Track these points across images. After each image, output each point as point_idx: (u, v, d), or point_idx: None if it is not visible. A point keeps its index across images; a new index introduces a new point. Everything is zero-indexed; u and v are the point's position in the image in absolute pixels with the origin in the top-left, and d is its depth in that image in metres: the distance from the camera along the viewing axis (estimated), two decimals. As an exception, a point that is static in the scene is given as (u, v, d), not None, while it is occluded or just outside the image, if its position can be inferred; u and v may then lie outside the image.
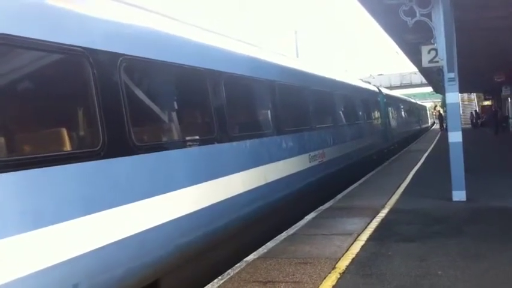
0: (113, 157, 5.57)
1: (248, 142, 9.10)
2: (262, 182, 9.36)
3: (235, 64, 9.22)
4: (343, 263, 6.90)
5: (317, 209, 11.15)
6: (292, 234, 8.89)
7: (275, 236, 8.82)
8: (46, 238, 4.62)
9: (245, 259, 7.51)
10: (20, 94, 4.97)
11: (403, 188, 13.45)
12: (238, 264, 7.27)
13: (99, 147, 5.41)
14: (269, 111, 10.62)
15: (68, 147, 5.15)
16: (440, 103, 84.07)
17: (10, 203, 4.36)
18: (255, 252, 7.84)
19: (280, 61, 12.02)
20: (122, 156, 5.74)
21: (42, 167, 4.69)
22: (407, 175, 16.01)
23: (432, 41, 11.21)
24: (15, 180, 4.43)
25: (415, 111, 50.73)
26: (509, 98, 41.57)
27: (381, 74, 68.90)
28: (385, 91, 29.87)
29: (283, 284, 6.31)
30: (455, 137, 10.90)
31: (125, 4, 6.66)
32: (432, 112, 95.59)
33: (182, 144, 7.18)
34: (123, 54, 5.99)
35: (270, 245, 8.26)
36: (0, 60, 4.64)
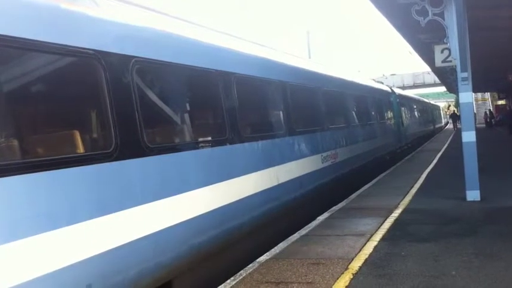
0: (125, 159, 5.60)
1: (260, 143, 9.10)
2: (275, 183, 9.35)
3: (247, 65, 9.23)
4: (356, 264, 6.88)
5: (330, 210, 11.13)
6: (305, 235, 8.88)
7: (288, 237, 8.81)
8: (60, 239, 4.65)
9: (257, 260, 7.52)
10: (32, 97, 5.01)
11: (417, 188, 13.39)
12: (250, 265, 7.27)
13: (111, 149, 5.44)
14: (281, 112, 10.61)
15: (80, 149, 5.18)
16: (453, 103, 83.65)
17: (24, 205, 4.40)
18: (267, 253, 7.84)
19: (292, 62, 12.01)
20: (134, 157, 5.76)
21: (55, 169, 4.72)
22: (420, 175, 15.93)
23: (445, 40, 11.16)
24: (29, 183, 4.47)
25: (429, 111, 50.48)
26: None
27: (394, 74, 68.50)
28: (398, 91, 29.76)
29: (296, 284, 6.30)
30: (468, 136, 10.84)
31: (136, 6, 6.70)
32: (446, 112, 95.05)
33: (194, 145, 7.19)
34: (135, 57, 6.01)
35: (282, 245, 8.25)
36: (13, 64, 4.69)
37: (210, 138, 7.79)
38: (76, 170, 4.95)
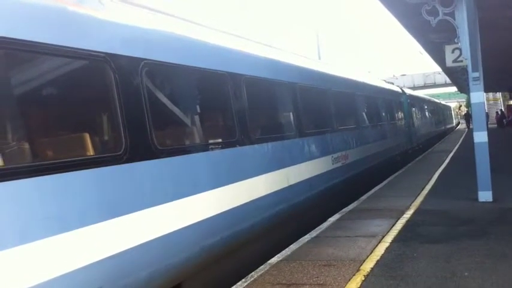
0: (135, 161, 5.61)
1: (270, 145, 9.09)
2: (285, 185, 9.34)
3: (257, 67, 9.23)
4: (368, 265, 6.85)
5: (341, 211, 11.09)
6: (316, 237, 8.85)
7: (299, 238, 8.79)
8: (70, 242, 4.67)
9: (269, 261, 7.50)
10: (42, 100, 5.04)
11: (428, 188, 13.31)
12: (262, 267, 7.25)
13: (121, 151, 5.45)
14: (291, 114, 10.60)
15: (90, 151, 5.20)
16: (465, 103, 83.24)
17: (34, 207, 4.42)
18: (278, 255, 7.82)
19: (301, 63, 11.99)
20: (144, 160, 5.77)
21: (65, 171, 4.73)
22: (432, 176, 15.84)
23: (456, 40, 11.08)
24: (39, 185, 4.48)
25: (439, 111, 50.24)
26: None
27: (404, 75, 68.26)
28: (408, 92, 29.60)
29: (307, 286, 6.28)
30: (480, 137, 10.76)
31: (144, 8, 6.70)
32: (457, 112, 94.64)
33: (204, 147, 7.19)
34: (145, 59, 6.03)
35: (293, 247, 8.23)
36: (23, 67, 4.71)
37: (220, 140, 7.78)
38: (86, 173, 4.96)
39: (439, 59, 22.25)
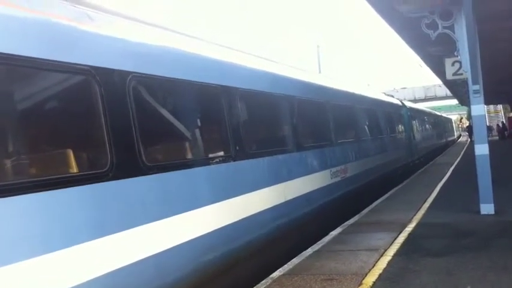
0: (122, 178, 5.44)
1: (266, 159, 8.95)
2: (282, 200, 9.23)
3: (252, 80, 9.11)
4: (370, 279, 6.80)
5: (342, 225, 11.04)
6: (318, 251, 8.80)
7: (300, 253, 8.73)
8: (55, 264, 4.49)
9: (271, 276, 7.45)
10: (26, 115, 4.85)
11: (430, 201, 13.27)
12: (263, 281, 7.20)
13: (107, 168, 5.28)
14: (288, 127, 10.52)
15: (74, 169, 5.00)
16: (466, 115, 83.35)
17: (14, 228, 4.24)
18: (280, 269, 7.77)
19: (299, 76, 11.95)
20: (132, 177, 5.60)
21: (47, 190, 4.55)
22: (433, 189, 15.80)
23: (456, 53, 11.12)
24: (19, 204, 4.31)
25: (440, 124, 50.26)
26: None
27: (405, 87, 68.44)
28: (408, 104, 29.63)
29: (309, 301, 6.24)
30: (481, 149, 10.74)
31: (133, 20, 6.60)
32: (458, 125, 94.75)
33: (196, 163, 7.01)
34: (132, 72, 5.87)
35: (295, 261, 8.18)
36: (6, 81, 4.56)
37: (213, 155, 7.61)
38: (69, 191, 4.79)
39: (439, 72, 22.32)
